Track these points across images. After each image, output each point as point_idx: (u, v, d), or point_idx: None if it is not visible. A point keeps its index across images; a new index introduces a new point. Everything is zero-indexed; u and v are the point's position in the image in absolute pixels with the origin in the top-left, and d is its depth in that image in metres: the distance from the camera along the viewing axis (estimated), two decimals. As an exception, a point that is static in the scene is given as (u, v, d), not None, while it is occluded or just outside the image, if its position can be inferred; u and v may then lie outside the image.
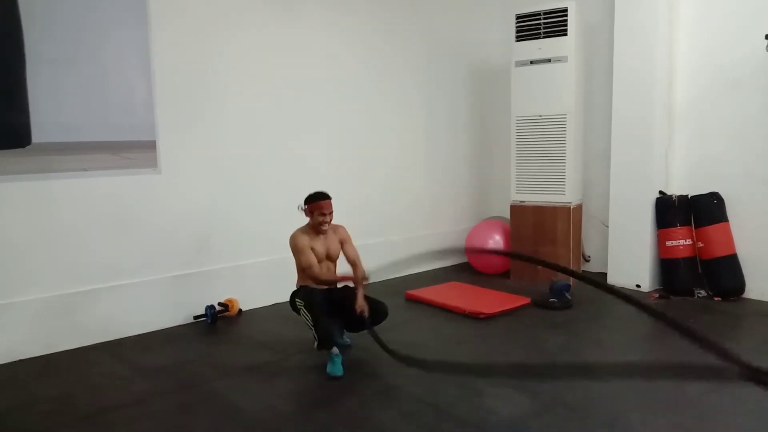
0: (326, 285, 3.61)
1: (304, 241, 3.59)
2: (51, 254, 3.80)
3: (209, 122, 4.44)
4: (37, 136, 3.66)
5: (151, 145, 4.14)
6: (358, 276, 3.62)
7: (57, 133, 3.75)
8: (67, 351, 3.80)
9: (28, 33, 3.58)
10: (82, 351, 3.82)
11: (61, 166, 3.78)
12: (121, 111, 4.00)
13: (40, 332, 3.74)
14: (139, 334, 4.11)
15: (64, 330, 3.82)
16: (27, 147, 3.64)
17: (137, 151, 4.08)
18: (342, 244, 3.75)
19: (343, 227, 3.80)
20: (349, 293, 3.64)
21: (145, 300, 4.16)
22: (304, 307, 3.48)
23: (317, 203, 3.59)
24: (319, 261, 3.64)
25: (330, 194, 3.65)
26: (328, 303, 3.52)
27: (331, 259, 3.74)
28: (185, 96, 4.30)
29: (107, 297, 3.99)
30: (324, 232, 3.65)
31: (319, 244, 3.65)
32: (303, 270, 3.61)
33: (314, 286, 3.59)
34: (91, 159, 3.90)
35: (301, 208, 3.65)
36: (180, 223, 4.33)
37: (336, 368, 3.33)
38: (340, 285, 3.71)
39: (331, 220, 3.64)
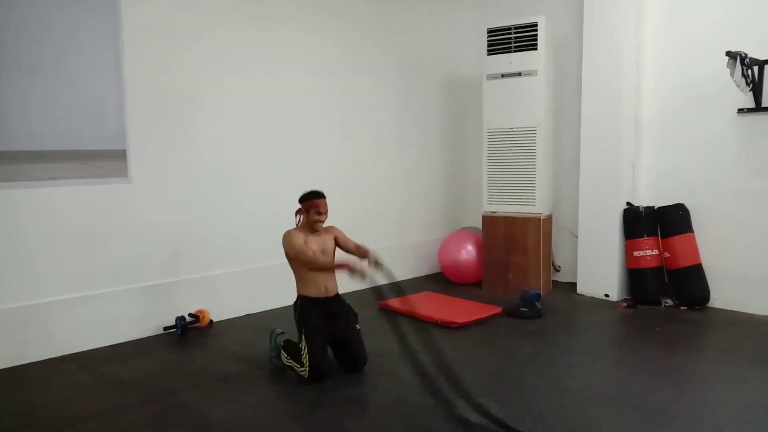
0: (323, 270, 3.53)
1: (299, 238, 3.52)
2: (18, 264, 3.73)
3: (181, 132, 4.42)
4: (3, 144, 3.61)
5: (121, 154, 4.11)
6: (367, 254, 3.56)
7: (24, 141, 3.70)
8: (34, 363, 3.73)
9: (-3, 41, 3.54)
10: (51, 362, 3.75)
11: (29, 175, 3.73)
12: (90, 119, 3.96)
13: (7, 344, 3.67)
14: (108, 345, 4.05)
15: (32, 342, 3.76)
16: (-7, 155, 3.59)
17: (107, 160, 4.04)
18: (337, 240, 3.68)
19: (335, 227, 3.74)
20: (349, 330, 3.59)
21: (115, 311, 4.11)
22: (305, 336, 3.43)
23: (313, 201, 3.54)
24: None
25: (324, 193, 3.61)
26: (329, 337, 3.53)
27: (327, 255, 3.65)
28: (156, 105, 4.27)
29: (76, 308, 3.93)
30: (318, 230, 3.60)
31: (314, 242, 3.57)
32: (297, 260, 3.51)
33: (314, 296, 3.53)
34: (60, 168, 3.85)
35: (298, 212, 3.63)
36: (150, 233, 4.29)
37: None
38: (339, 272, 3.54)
39: (325, 219, 3.60)
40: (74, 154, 3.91)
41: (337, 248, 3.71)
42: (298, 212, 3.64)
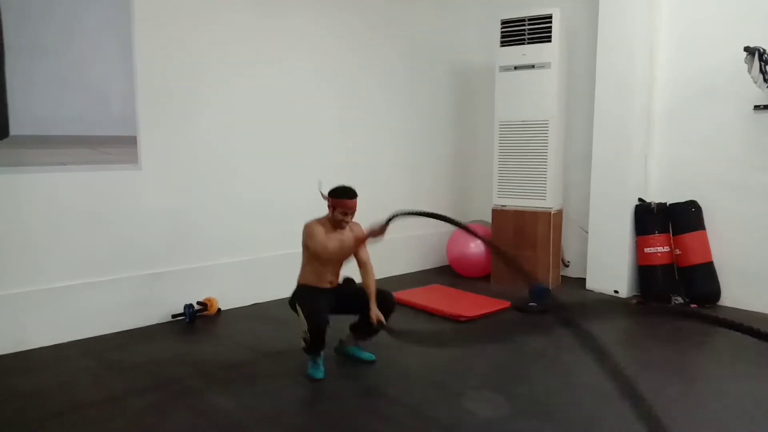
0: (339, 260, 3.43)
1: (319, 230, 3.37)
2: (26, 249, 3.73)
3: (192, 118, 4.40)
4: (13, 129, 3.60)
5: (131, 141, 4.09)
6: (370, 280, 3.50)
7: (34, 126, 3.68)
8: (41, 348, 3.73)
9: (4, 23, 3.51)
10: (57, 348, 3.75)
11: (38, 160, 3.71)
12: (98, 104, 3.93)
13: (14, 328, 3.67)
14: (116, 332, 4.05)
15: (38, 327, 3.76)
16: (4, 140, 3.57)
17: (117, 146, 4.02)
18: (356, 242, 3.53)
19: (360, 226, 3.56)
20: (355, 289, 3.52)
21: (123, 297, 4.11)
22: (301, 305, 3.32)
23: (341, 201, 3.36)
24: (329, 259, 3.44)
25: (356, 191, 3.43)
26: (336, 302, 3.41)
27: (344, 256, 3.51)
28: (168, 91, 4.25)
29: (84, 294, 3.93)
30: (342, 228, 3.44)
31: (333, 239, 3.41)
32: (315, 257, 3.38)
33: (316, 284, 3.44)
34: (69, 153, 3.83)
35: (323, 196, 3.46)
36: (160, 220, 4.28)
37: (318, 371, 3.29)
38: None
39: (351, 220, 3.44)
40: (83, 140, 3.89)
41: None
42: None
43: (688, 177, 4.99)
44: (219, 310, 4.51)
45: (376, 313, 3.39)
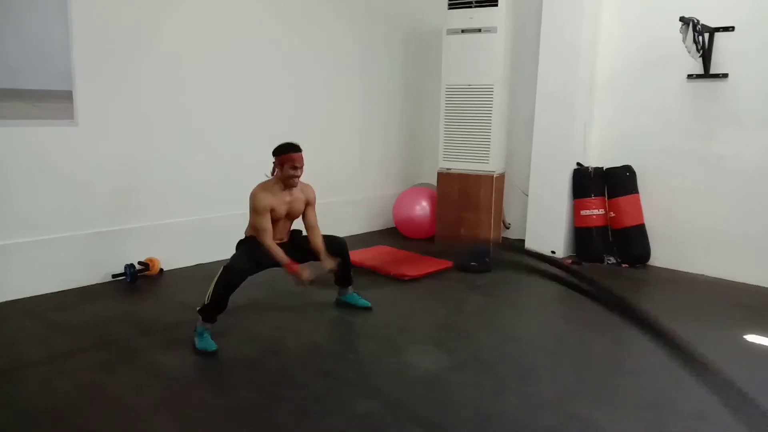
0: (273, 256, 3.30)
1: (266, 201, 3.28)
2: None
3: (131, 73, 4.26)
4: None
5: (67, 95, 3.94)
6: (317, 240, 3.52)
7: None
8: (-25, 308, 3.64)
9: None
10: (-7, 308, 3.66)
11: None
12: (34, 57, 3.76)
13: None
14: (54, 292, 3.97)
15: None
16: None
17: (52, 100, 3.87)
18: (307, 205, 3.53)
19: (312, 189, 3.58)
20: (302, 240, 3.56)
21: (61, 256, 4.01)
22: (224, 267, 3.20)
23: (288, 155, 3.31)
24: (277, 220, 3.38)
25: (300, 146, 3.39)
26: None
27: (290, 218, 3.51)
28: (105, 44, 4.09)
29: (19, 253, 3.82)
30: (294, 186, 3.41)
31: (282, 203, 3.37)
32: (255, 231, 3.35)
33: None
34: (1, 107, 3.67)
35: (266, 176, 3.42)
36: (98, 178, 4.17)
37: (208, 343, 3.13)
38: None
39: (301, 175, 3.39)
40: (16, 94, 3.72)
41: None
42: (274, 167, 3.40)
43: (627, 144, 5.18)
44: (161, 270, 4.47)
45: (328, 263, 3.47)
